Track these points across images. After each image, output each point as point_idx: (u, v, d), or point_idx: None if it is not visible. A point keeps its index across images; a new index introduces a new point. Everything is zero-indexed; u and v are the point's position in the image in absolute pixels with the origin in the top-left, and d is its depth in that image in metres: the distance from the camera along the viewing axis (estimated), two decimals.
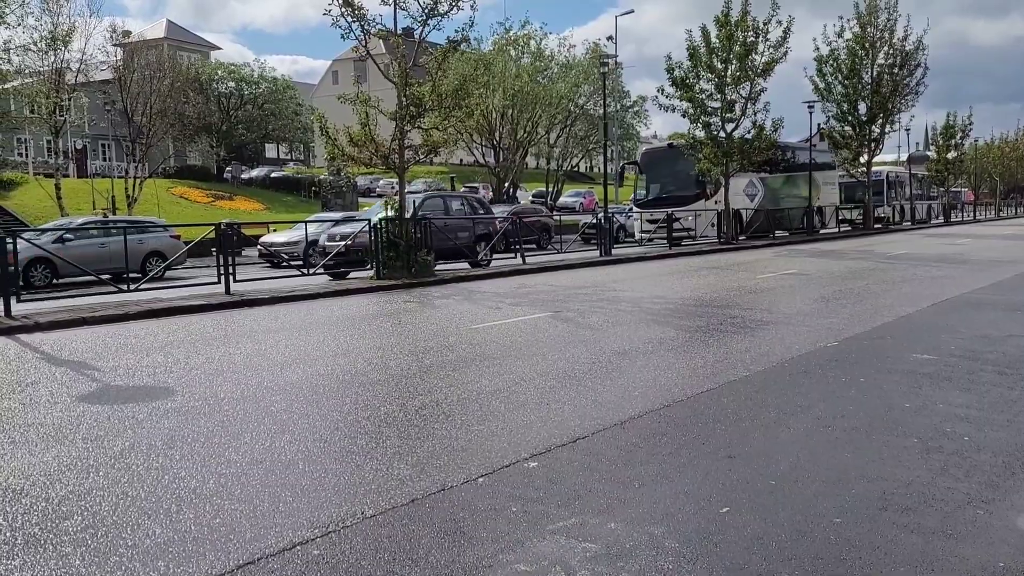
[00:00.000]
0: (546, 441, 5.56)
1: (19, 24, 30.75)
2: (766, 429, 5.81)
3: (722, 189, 29.11)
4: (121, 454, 5.42)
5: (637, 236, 30.33)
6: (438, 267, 19.10)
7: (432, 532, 4.08)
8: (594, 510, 4.33)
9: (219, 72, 58.93)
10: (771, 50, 27.96)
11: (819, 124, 41.68)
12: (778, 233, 34.24)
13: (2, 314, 11.71)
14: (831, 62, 37.08)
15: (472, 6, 17.72)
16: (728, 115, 28.04)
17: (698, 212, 29.38)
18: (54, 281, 19.30)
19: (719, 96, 28.05)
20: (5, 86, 31.57)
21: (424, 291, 15.86)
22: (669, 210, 28.22)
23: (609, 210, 27.39)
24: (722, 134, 28.07)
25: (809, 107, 38.41)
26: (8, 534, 4.12)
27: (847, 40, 37.04)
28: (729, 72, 27.74)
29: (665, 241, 27.77)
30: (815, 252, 25.59)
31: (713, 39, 27.70)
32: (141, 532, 4.13)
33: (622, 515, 4.25)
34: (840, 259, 22.01)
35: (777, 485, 4.67)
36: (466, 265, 20.42)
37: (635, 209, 32.35)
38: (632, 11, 50.56)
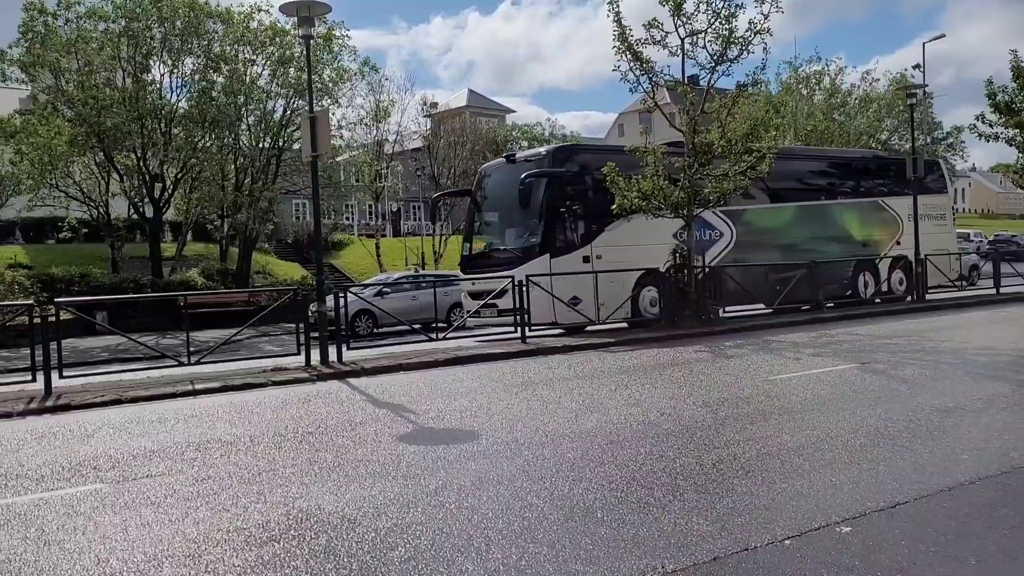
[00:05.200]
0: (859, 505, 5.12)
1: (349, 104, 35.28)
2: None
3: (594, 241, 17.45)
4: (435, 492, 5.83)
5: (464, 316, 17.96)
6: (730, 315, 18.62)
7: None
8: None
9: (513, 133, 62.86)
10: None
11: None
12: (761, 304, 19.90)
13: (335, 360, 13.24)
14: None
15: (764, 49, 17.31)
16: None
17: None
18: (374, 330, 21.52)
19: None
20: (337, 159, 36.16)
21: (715, 340, 15.49)
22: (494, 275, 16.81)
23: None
24: None
25: None
26: (345, 560, 4.58)
27: None
28: None
29: (514, 329, 15.76)
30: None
31: None
32: (455, 568, 4.39)
33: None
34: None
35: None
36: (763, 313, 19.64)
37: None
38: (943, 35, 46.78)
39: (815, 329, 16.73)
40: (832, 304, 21.07)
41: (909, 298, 22.30)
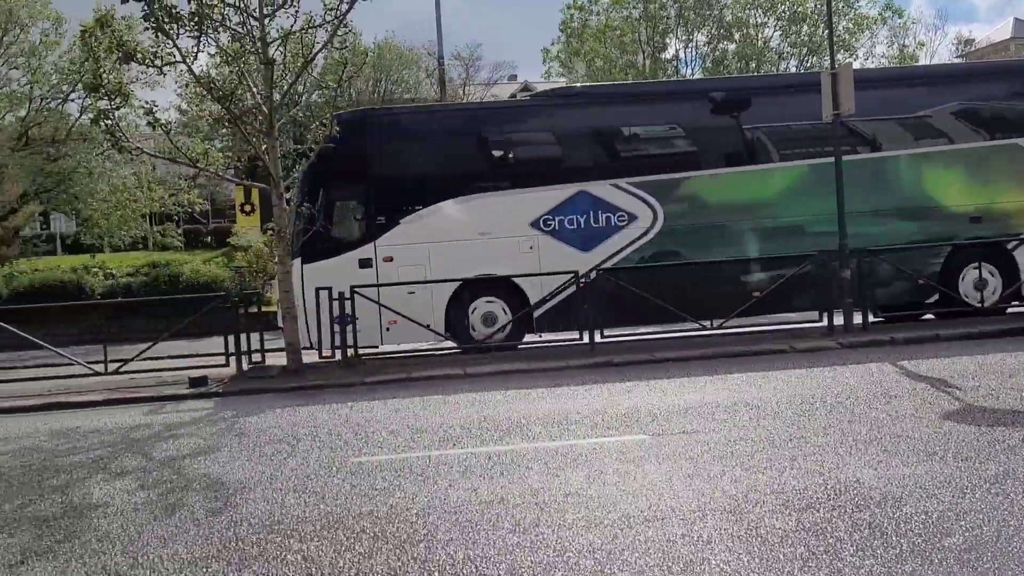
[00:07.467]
0: None
1: (868, 55, 33.03)
2: None
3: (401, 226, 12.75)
4: (996, 479, 5.17)
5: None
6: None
7: None
8: None
9: None
10: None
11: None
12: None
13: (859, 328, 12.57)
14: None
15: None
16: None
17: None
18: None
19: None
20: None
21: None
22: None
23: None
24: None
25: None
26: (893, 539, 4.31)
27: None
28: None
29: None
30: None
31: None
32: None
33: None
34: None
35: None
36: None
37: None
38: None
39: None
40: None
41: None
